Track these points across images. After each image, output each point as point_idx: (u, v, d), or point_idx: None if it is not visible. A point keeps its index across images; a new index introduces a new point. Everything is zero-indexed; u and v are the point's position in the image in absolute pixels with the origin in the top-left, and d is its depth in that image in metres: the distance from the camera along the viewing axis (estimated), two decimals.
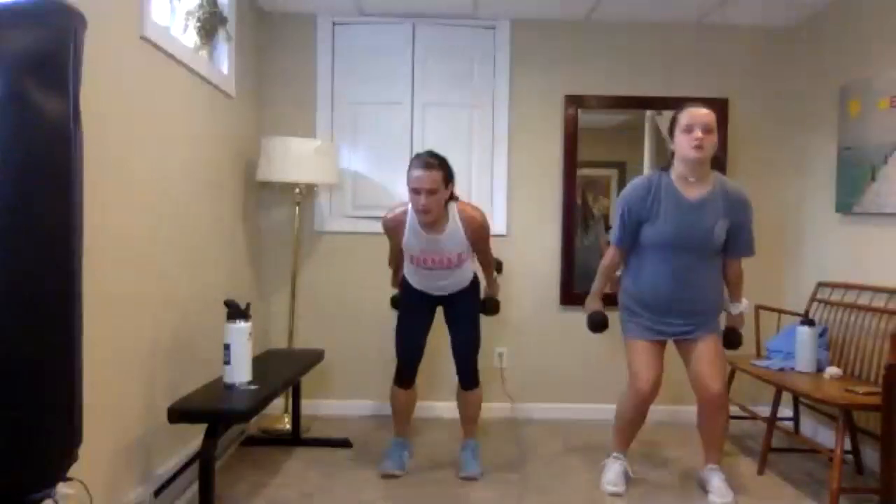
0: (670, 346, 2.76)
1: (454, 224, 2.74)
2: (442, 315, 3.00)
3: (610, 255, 2.81)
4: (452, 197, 2.76)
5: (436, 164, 2.62)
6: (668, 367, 2.78)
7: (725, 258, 2.72)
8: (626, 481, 2.80)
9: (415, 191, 2.61)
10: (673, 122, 2.61)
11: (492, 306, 3.03)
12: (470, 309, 2.97)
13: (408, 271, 2.94)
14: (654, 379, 2.67)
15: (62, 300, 1.28)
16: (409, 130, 3.82)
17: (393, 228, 2.81)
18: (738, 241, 2.66)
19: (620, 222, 2.69)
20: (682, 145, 2.54)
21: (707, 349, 2.65)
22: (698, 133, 2.50)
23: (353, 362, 3.84)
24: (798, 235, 3.77)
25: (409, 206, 2.71)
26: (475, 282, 2.99)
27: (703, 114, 2.53)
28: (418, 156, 2.69)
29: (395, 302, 3.13)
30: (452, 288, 2.91)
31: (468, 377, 2.97)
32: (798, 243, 3.77)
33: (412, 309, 2.97)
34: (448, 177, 2.67)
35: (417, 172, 2.60)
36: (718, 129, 2.60)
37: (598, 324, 2.79)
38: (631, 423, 2.80)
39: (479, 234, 2.79)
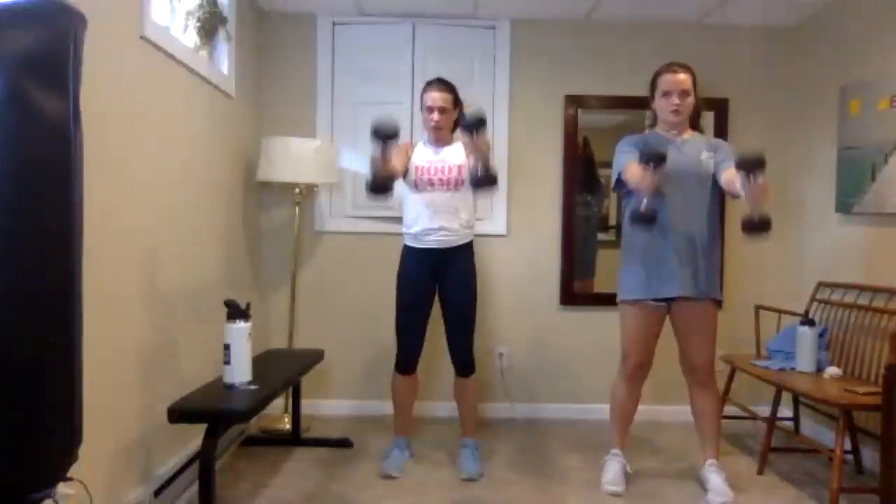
0: (666, 343, 2.76)
1: (457, 145, 3.01)
2: (438, 312, 3.02)
3: (629, 167, 2.65)
4: (457, 123, 2.99)
5: (447, 86, 2.96)
6: (668, 367, 2.79)
7: (719, 175, 2.66)
8: (625, 480, 2.81)
9: (429, 109, 2.94)
10: (653, 85, 2.79)
11: (489, 180, 2.73)
12: (465, 286, 2.98)
13: (409, 216, 2.97)
14: (643, 359, 2.77)
15: (62, 300, 1.28)
16: (409, 130, 3.81)
17: (403, 145, 3.01)
18: (725, 162, 2.65)
19: (624, 150, 2.75)
20: (663, 109, 2.75)
21: (700, 320, 2.72)
22: (675, 99, 2.70)
23: (353, 362, 3.84)
24: (798, 235, 3.77)
25: (417, 142, 3.07)
26: (472, 254, 3.01)
27: (681, 80, 2.72)
28: (431, 81, 3.00)
29: (379, 182, 2.73)
30: (452, 234, 2.93)
31: (464, 362, 2.99)
32: (798, 243, 3.77)
33: (410, 289, 2.98)
34: (456, 101, 2.99)
35: (432, 93, 2.93)
36: (718, 130, 2.60)
37: (657, 154, 2.50)
38: (625, 407, 2.84)
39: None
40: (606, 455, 2.88)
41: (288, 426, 3.45)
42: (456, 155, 2.97)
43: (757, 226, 2.35)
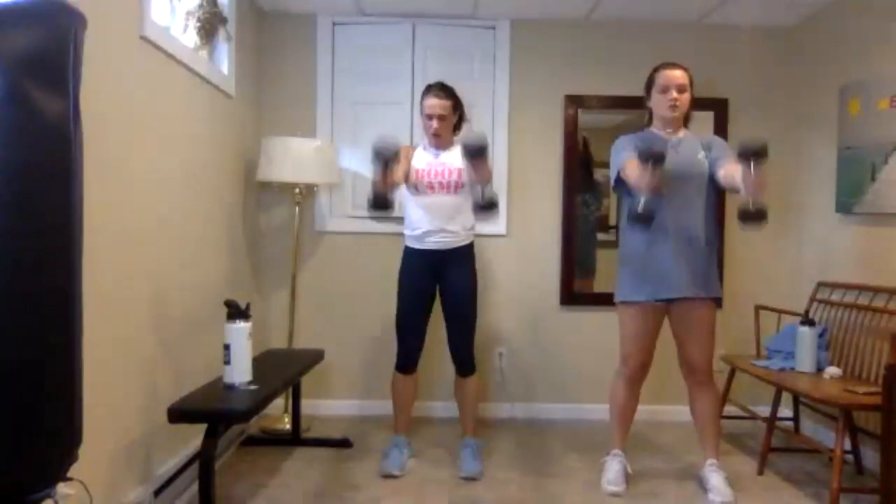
0: (665, 342, 2.76)
1: (458, 148, 2.92)
2: (439, 311, 3.02)
3: (628, 164, 2.63)
4: (459, 126, 3.04)
5: (446, 94, 2.94)
6: (668, 367, 2.79)
7: (716, 172, 2.65)
8: (625, 480, 2.81)
9: (428, 116, 2.93)
10: (650, 81, 2.78)
11: (490, 203, 2.76)
12: (466, 286, 2.99)
13: (410, 218, 2.98)
14: (643, 360, 2.76)
15: (62, 300, 1.28)
16: (409, 130, 3.81)
17: (404, 149, 2.97)
18: (722, 159, 2.66)
19: (621, 148, 2.73)
20: (659, 105, 2.74)
21: (699, 321, 2.71)
22: (673, 94, 2.69)
23: (353, 362, 3.84)
24: (798, 235, 3.77)
25: (417, 145, 3.08)
26: (472, 255, 3.03)
27: (678, 75, 2.71)
28: (431, 86, 2.98)
29: (377, 199, 2.73)
30: (452, 236, 2.94)
31: (465, 362, 3.00)
32: (798, 243, 3.77)
33: (411, 289, 2.99)
34: (456, 107, 2.99)
35: (431, 100, 2.92)
36: (718, 130, 2.60)
37: (655, 153, 2.47)
38: (625, 407, 2.84)
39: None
40: (607, 455, 2.89)
41: (288, 426, 3.45)
42: (456, 158, 2.96)
43: (753, 215, 2.36)
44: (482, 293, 3.26)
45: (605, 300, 3.12)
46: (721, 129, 3.76)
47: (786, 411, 3.51)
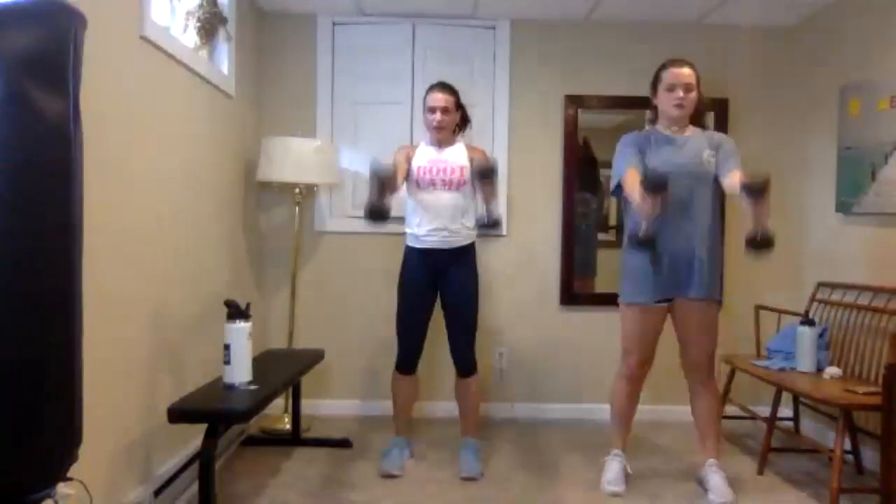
0: (665, 343, 2.76)
1: (459, 146, 3.05)
2: (440, 311, 3.02)
3: (628, 175, 2.63)
4: (460, 126, 3.09)
5: (449, 89, 3.01)
6: (668, 367, 2.79)
7: (722, 180, 2.65)
8: (625, 480, 2.81)
9: (431, 110, 2.96)
10: (656, 79, 2.75)
11: (493, 221, 2.88)
12: (467, 286, 2.99)
13: (412, 216, 2.98)
14: (644, 358, 2.76)
15: (62, 300, 1.28)
16: (409, 130, 3.81)
17: (404, 150, 3.09)
18: (728, 164, 2.65)
19: (625, 153, 2.72)
20: (665, 103, 2.70)
21: (701, 320, 2.70)
22: (680, 93, 2.65)
23: (353, 362, 3.84)
24: (798, 235, 3.77)
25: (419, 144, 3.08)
26: (474, 254, 3.03)
27: (685, 73, 2.67)
28: (434, 84, 3.04)
29: (374, 210, 2.76)
30: (454, 235, 2.94)
31: (466, 362, 2.99)
32: (798, 243, 3.77)
33: (412, 289, 2.99)
34: (458, 103, 3.03)
35: (434, 93, 2.98)
36: (718, 130, 2.60)
37: (658, 182, 2.48)
38: (625, 408, 2.84)
39: (478, 152, 3.05)
40: (607, 455, 2.88)
41: (288, 426, 3.45)
42: (458, 155, 2.99)
43: (760, 243, 2.39)
44: (482, 293, 3.25)
45: (606, 300, 3.13)
46: (721, 129, 3.75)
47: (786, 411, 3.51)
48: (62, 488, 1.37)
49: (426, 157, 3.00)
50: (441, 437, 3.43)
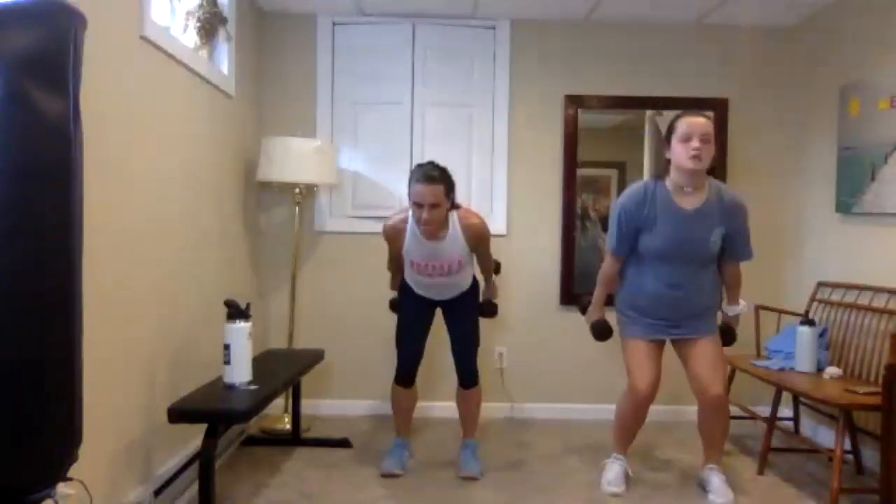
0: (668, 348, 2.75)
1: (454, 231, 2.74)
2: (441, 315, 3.00)
3: (608, 263, 2.76)
4: (454, 206, 2.75)
5: (437, 178, 2.60)
6: (668, 367, 2.78)
7: (723, 262, 2.71)
8: (626, 481, 2.81)
9: (417, 204, 2.61)
10: (670, 129, 2.56)
11: (490, 309, 3.03)
12: (469, 310, 2.98)
13: (408, 276, 2.94)
14: (651, 381, 2.66)
15: (62, 300, 1.28)
16: (409, 130, 3.82)
17: (393, 236, 2.81)
18: (735, 246, 2.66)
19: (617, 230, 2.65)
20: (680, 155, 2.49)
21: (706, 351, 2.65)
22: (696, 143, 2.44)
23: (353, 362, 3.84)
24: (798, 235, 3.77)
25: (409, 213, 2.71)
26: (474, 283, 3.01)
27: (702, 123, 2.48)
28: (420, 167, 2.66)
29: (393, 305, 3.12)
30: (452, 293, 2.92)
31: (468, 376, 2.97)
32: (798, 243, 3.77)
33: (412, 309, 2.97)
34: (449, 189, 2.66)
35: (419, 187, 2.58)
36: (718, 130, 2.57)
37: (602, 332, 2.81)
38: (630, 426, 2.80)
39: (479, 240, 2.82)
40: (608, 458, 2.88)
41: (288, 426, 3.45)
42: (454, 246, 2.74)
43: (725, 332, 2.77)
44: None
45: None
46: (721, 129, 3.76)
47: (786, 411, 3.50)
48: (62, 488, 1.37)
49: (418, 251, 2.75)
50: (441, 438, 3.43)
